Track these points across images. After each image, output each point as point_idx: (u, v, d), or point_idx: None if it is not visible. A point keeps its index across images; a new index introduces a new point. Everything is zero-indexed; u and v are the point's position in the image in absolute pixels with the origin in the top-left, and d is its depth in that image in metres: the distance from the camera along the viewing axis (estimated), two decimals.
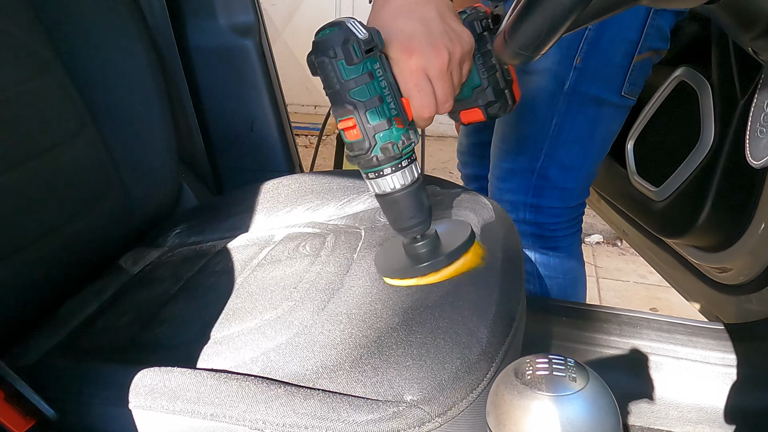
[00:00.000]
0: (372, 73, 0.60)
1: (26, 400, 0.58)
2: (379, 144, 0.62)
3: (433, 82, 0.63)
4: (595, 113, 1.05)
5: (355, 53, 0.59)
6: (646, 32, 0.99)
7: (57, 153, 0.83)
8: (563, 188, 1.11)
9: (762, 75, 0.56)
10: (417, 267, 0.68)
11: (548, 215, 1.12)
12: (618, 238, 2.36)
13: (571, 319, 1.04)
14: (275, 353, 0.63)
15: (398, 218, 0.66)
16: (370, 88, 0.60)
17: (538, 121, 1.06)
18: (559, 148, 1.07)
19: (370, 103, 0.60)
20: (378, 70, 0.61)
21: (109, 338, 0.75)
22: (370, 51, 0.60)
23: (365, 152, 0.62)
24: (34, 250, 0.78)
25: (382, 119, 0.61)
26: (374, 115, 0.61)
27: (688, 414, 0.94)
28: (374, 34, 0.60)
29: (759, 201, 0.95)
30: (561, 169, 1.09)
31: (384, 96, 0.61)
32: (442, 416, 0.56)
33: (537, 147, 1.07)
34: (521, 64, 0.72)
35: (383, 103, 0.61)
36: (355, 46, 0.59)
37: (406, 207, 0.65)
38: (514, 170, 1.10)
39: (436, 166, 2.93)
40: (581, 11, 0.51)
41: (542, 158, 1.07)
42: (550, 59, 1.00)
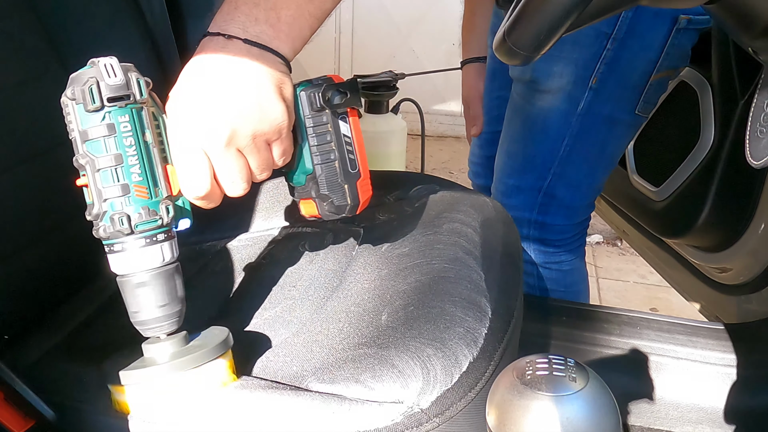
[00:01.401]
0: (114, 126, 0.52)
1: (25, 401, 0.58)
2: (109, 213, 0.53)
3: (210, 158, 0.54)
4: (607, 132, 1.03)
5: (92, 98, 0.52)
6: (666, 51, 0.96)
7: (57, 153, 0.83)
8: (569, 206, 1.09)
9: (762, 75, 0.56)
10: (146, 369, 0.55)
11: (553, 232, 1.11)
12: (618, 238, 2.36)
13: (571, 319, 1.04)
14: (274, 353, 0.63)
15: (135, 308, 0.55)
16: (108, 144, 0.52)
17: (549, 141, 1.03)
18: (569, 167, 1.05)
19: (104, 161, 0.52)
20: (124, 124, 0.52)
21: (109, 338, 0.75)
22: (117, 99, 0.52)
23: (95, 219, 0.53)
24: (34, 249, 0.78)
25: (115, 184, 0.52)
26: (107, 177, 0.52)
27: (688, 414, 0.94)
28: (133, 81, 0.53)
29: (759, 201, 0.95)
30: (568, 187, 1.07)
31: (126, 157, 0.52)
32: (440, 416, 0.56)
33: (545, 167, 1.05)
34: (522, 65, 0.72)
35: (122, 165, 0.52)
36: (93, 89, 0.52)
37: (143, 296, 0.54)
38: (520, 187, 1.08)
39: (436, 166, 2.93)
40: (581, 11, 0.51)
41: (550, 177, 1.05)
42: (564, 79, 0.98)
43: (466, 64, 1.29)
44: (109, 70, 0.52)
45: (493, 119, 1.24)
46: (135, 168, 0.52)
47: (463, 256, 0.73)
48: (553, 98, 1.01)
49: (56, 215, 0.82)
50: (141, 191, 0.53)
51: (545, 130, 1.03)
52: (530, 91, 1.02)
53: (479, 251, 0.75)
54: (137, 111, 0.53)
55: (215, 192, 0.56)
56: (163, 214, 0.54)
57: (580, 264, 1.18)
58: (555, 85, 0.99)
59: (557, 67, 0.97)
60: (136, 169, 0.52)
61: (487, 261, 0.73)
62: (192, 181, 0.55)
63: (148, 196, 0.53)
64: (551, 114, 1.02)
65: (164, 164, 0.55)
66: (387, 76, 2.12)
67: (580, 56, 0.96)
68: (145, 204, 0.53)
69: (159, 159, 0.54)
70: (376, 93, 2.15)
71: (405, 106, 2.24)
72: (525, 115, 1.04)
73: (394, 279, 0.69)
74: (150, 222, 0.53)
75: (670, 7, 0.99)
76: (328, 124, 0.59)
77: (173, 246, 0.55)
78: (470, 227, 0.79)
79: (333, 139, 0.60)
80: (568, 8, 0.51)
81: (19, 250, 0.76)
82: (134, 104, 0.53)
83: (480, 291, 0.67)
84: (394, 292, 0.67)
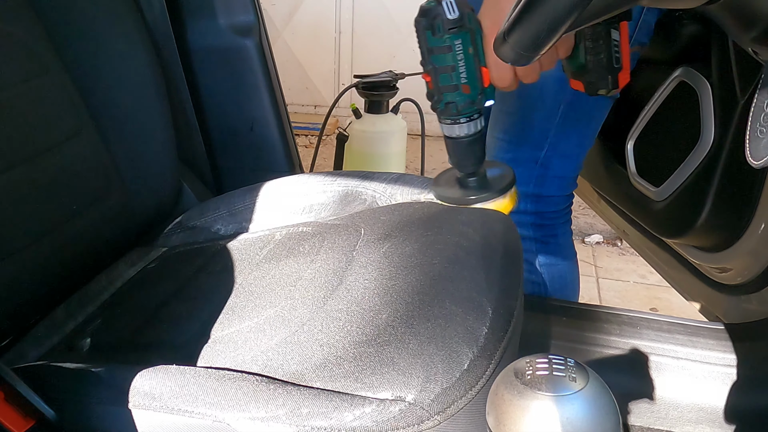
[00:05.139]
0: (451, 47, 0.74)
1: (26, 401, 0.58)
2: (444, 101, 0.78)
3: None
4: (594, 102, 1.07)
5: (438, 29, 0.73)
6: (639, 27, 1.01)
7: (57, 153, 0.83)
8: (562, 177, 1.13)
9: (762, 75, 0.56)
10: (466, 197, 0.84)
11: (548, 204, 1.14)
12: (618, 238, 2.36)
13: (571, 319, 1.04)
14: (274, 351, 0.63)
15: (454, 157, 0.84)
16: (447, 58, 0.75)
17: (546, 109, 1.06)
18: (562, 136, 1.08)
19: (443, 69, 0.76)
20: (458, 45, 0.74)
21: (109, 338, 0.75)
22: (453, 29, 0.73)
23: (433, 103, 0.79)
24: (34, 250, 0.78)
25: (450, 84, 0.76)
26: (445, 78, 0.76)
27: (688, 414, 0.93)
28: (465, 15, 0.73)
29: (759, 201, 0.95)
30: (562, 157, 1.10)
31: (457, 67, 0.75)
32: (441, 414, 0.56)
33: (543, 135, 1.08)
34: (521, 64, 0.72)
35: (454, 72, 0.75)
36: (440, 24, 0.73)
37: (460, 151, 0.82)
38: (517, 160, 1.10)
39: (436, 166, 2.92)
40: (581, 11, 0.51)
41: (546, 147, 1.08)
42: None
43: None
44: (450, 7, 0.73)
45: None
46: (462, 74, 0.76)
47: (463, 255, 0.73)
48: None
49: (56, 215, 0.82)
50: (465, 89, 0.77)
51: (542, 98, 1.07)
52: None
53: (479, 251, 0.75)
54: (465, 34, 0.74)
55: (515, 82, 0.78)
56: (480, 102, 0.79)
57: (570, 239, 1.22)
58: None
59: None
60: (464, 75, 0.76)
61: (487, 261, 0.73)
62: (499, 79, 0.78)
63: (469, 92, 0.77)
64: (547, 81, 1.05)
65: (481, 66, 0.78)
66: (387, 76, 2.13)
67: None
68: (468, 97, 0.77)
69: (477, 64, 0.77)
70: (376, 93, 2.15)
71: (405, 106, 2.24)
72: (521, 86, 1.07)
73: (395, 278, 0.69)
74: (469, 108, 0.78)
75: (670, 7, 0.99)
76: (602, 30, 0.77)
77: (480, 122, 0.81)
78: (470, 227, 0.79)
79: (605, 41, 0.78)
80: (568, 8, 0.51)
81: (19, 250, 0.76)
82: (465, 31, 0.74)
83: (480, 290, 0.67)
84: (394, 291, 0.67)
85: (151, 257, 0.91)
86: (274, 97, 1.18)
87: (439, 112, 0.80)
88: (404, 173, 0.98)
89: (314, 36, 3.36)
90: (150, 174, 0.97)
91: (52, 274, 0.81)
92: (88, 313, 0.80)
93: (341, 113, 3.02)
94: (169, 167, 1.00)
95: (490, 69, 0.77)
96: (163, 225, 0.98)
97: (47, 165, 0.81)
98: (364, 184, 0.93)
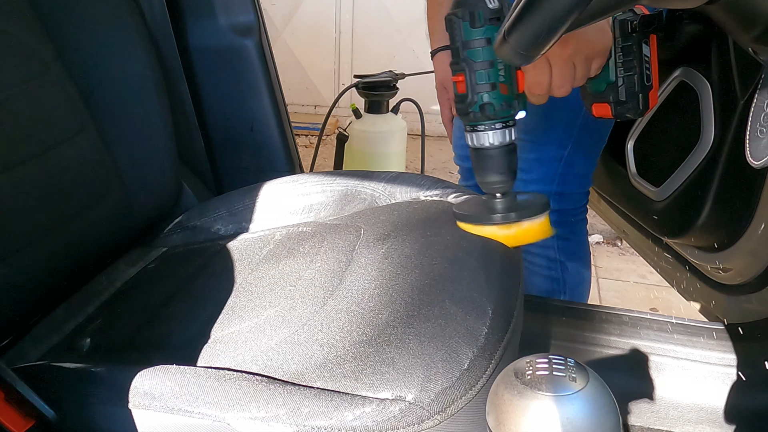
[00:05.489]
0: (490, 39, 0.68)
1: (26, 401, 0.58)
2: (479, 102, 0.70)
3: (552, 66, 0.69)
4: None
5: (478, 18, 0.67)
6: None
7: (57, 153, 0.83)
8: (584, 174, 1.14)
9: (762, 75, 0.56)
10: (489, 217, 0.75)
11: (569, 201, 1.14)
12: (618, 238, 2.36)
13: (571, 319, 1.04)
14: (275, 351, 0.63)
15: (483, 172, 0.74)
16: (485, 52, 0.68)
17: (570, 108, 1.06)
18: (585, 134, 1.08)
19: (481, 65, 0.69)
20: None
21: (109, 338, 0.75)
22: (494, 20, 0.67)
23: (466, 106, 0.71)
24: (34, 250, 0.78)
25: (487, 81, 0.69)
26: (482, 76, 0.69)
27: (688, 414, 0.93)
28: (506, 6, 0.66)
29: (759, 201, 0.95)
30: (584, 154, 1.11)
31: (496, 62, 0.69)
32: (441, 413, 0.56)
33: (567, 133, 1.08)
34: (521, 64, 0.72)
35: (493, 68, 0.69)
36: (480, 12, 0.67)
37: (491, 164, 0.73)
38: (541, 160, 1.11)
39: (436, 166, 2.93)
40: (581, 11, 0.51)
41: (570, 145, 1.09)
42: None
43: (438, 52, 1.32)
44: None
45: None
46: (501, 71, 0.69)
47: (463, 256, 0.73)
48: None
49: (56, 215, 0.82)
50: (504, 88, 0.70)
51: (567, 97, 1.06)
52: None
53: (479, 251, 0.75)
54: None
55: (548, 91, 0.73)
56: (516, 106, 0.72)
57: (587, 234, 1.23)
58: None
59: None
60: (502, 72, 0.69)
61: (487, 261, 0.73)
62: (535, 84, 0.72)
63: (507, 93, 0.70)
64: None
65: (517, 70, 0.71)
66: (387, 76, 2.12)
67: None
68: (507, 98, 0.70)
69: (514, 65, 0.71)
70: (376, 93, 2.15)
71: (405, 106, 2.24)
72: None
73: (395, 278, 0.69)
74: (506, 112, 0.71)
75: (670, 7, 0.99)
76: (633, 45, 0.73)
77: (513, 131, 0.73)
78: None
79: (636, 57, 0.74)
80: (568, 8, 0.51)
81: (19, 250, 0.76)
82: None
83: (480, 291, 0.67)
84: (394, 291, 0.67)
85: (151, 257, 0.91)
86: (274, 97, 1.18)
87: (472, 116, 0.72)
88: (404, 172, 0.98)
89: (314, 36, 3.36)
90: (150, 174, 0.97)
91: (52, 274, 0.81)
92: (88, 313, 0.80)
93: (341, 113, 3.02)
94: (169, 167, 1.00)
95: (526, 72, 0.72)
96: (163, 225, 0.98)
97: (47, 165, 0.81)
98: (364, 183, 0.93)
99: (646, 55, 0.75)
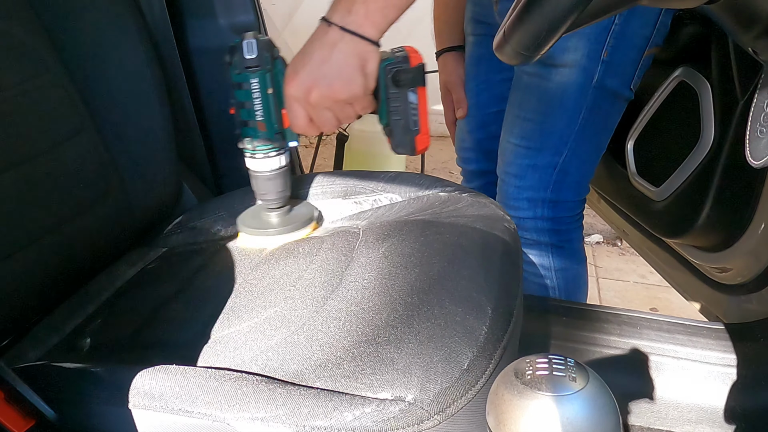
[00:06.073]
0: (247, 84, 0.78)
1: (26, 401, 0.58)
2: (243, 135, 0.82)
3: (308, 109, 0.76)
4: (610, 107, 1.07)
5: (236, 66, 0.78)
6: (657, 29, 1.01)
7: (57, 153, 0.83)
8: (579, 182, 1.13)
9: (762, 75, 0.56)
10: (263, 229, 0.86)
11: (564, 209, 1.13)
12: (618, 238, 2.36)
13: (571, 319, 1.04)
14: (274, 351, 0.63)
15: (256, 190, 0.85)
16: (244, 95, 0.79)
17: (567, 115, 1.06)
18: (582, 142, 1.08)
19: (240, 104, 0.80)
20: (254, 84, 0.78)
21: (109, 338, 0.75)
22: (251, 68, 0.78)
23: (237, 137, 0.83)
24: (34, 249, 0.78)
25: (245, 119, 0.80)
26: (243, 114, 0.80)
27: (688, 414, 0.93)
28: (263, 58, 0.77)
29: (759, 201, 0.95)
30: (580, 162, 1.10)
31: (253, 104, 0.79)
32: (440, 414, 0.56)
33: (563, 141, 1.08)
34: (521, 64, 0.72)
35: (250, 109, 0.79)
36: (237, 60, 0.78)
37: (257, 184, 0.85)
38: (535, 166, 1.10)
39: (436, 166, 2.93)
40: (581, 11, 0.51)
41: (566, 152, 1.08)
42: (579, 52, 1.01)
43: (443, 53, 1.32)
44: (250, 48, 0.77)
45: (481, 103, 1.27)
46: (258, 112, 0.80)
47: (462, 255, 0.73)
48: (569, 72, 1.03)
49: (56, 215, 0.82)
50: (261, 126, 0.80)
51: (564, 104, 1.06)
52: (545, 68, 1.05)
53: (479, 251, 0.75)
54: (263, 74, 0.78)
55: (311, 129, 0.79)
56: (277, 141, 0.82)
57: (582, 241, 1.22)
58: (570, 59, 1.02)
59: (571, 42, 1.01)
60: (259, 113, 0.80)
61: (487, 261, 0.73)
62: (295, 126, 0.79)
63: (265, 130, 0.81)
64: (569, 87, 1.05)
65: (281, 108, 0.80)
66: None
67: (592, 30, 1.00)
68: (265, 135, 0.81)
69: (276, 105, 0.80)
70: None
71: None
72: (541, 91, 1.07)
73: (394, 278, 0.69)
74: (265, 145, 0.81)
75: (670, 7, 0.99)
76: (400, 94, 0.80)
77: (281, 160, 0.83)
78: (470, 227, 0.79)
79: (403, 104, 0.80)
80: (568, 8, 0.51)
81: (18, 250, 0.76)
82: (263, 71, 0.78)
83: (480, 290, 0.67)
84: (393, 291, 0.67)
85: (151, 257, 0.91)
86: None
87: (239, 143, 0.83)
88: (404, 172, 0.98)
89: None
90: (150, 174, 0.97)
91: (52, 274, 0.81)
92: (88, 313, 0.80)
93: None
94: (169, 167, 1.00)
95: (287, 113, 0.79)
96: (163, 225, 0.98)
97: (47, 165, 0.81)
98: (364, 183, 0.93)
99: (413, 103, 0.80)
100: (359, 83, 0.76)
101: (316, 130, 0.80)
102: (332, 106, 0.76)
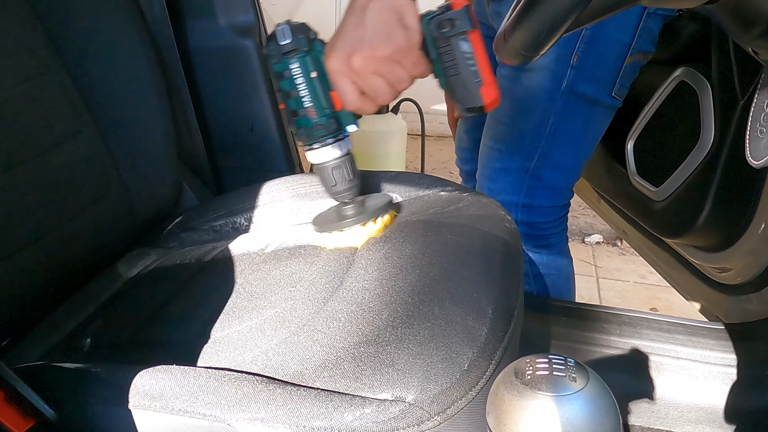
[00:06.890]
0: (288, 71, 0.74)
1: (26, 401, 0.58)
2: (295, 126, 0.77)
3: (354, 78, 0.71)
4: (588, 113, 1.06)
5: (274, 55, 0.74)
6: (639, 34, 1.00)
7: (57, 153, 0.83)
8: (554, 188, 1.12)
9: (762, 75, 0.56)
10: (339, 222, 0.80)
11: (539, 214, 1.13)
12: (618, 238, 2.36)
13: (571, 319, 1.04)
14: (274, 352, 0.63)
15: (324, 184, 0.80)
16: (288, 83, 0.75)
17: (535, 120, 1.06)
18: (554, 147, 1.07)
19: (286, 94, 0.75)
20: (295, 69, 0.74)
21: (109, 338, 0.75)
22: (288, 53, 0.73)
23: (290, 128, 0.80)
24: (34, 250, 0.78)
25: (294, 108, 0.75)
26: (291, 104, 0.75)
27: (688, 414, 0.94)
28: (298, 40, 0.73)
29: (759, 201, 0.95)
30: (554, 168, 1.09)
31: (299, 91, 0.75)
32: (441, 414, 0.56)
33: (533, 146, 1.07)
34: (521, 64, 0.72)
35: (296, 98, 0.75)
36: (273, 50, 0.74)
37: (323, 177, 0.79)
38: (507, 170, 1.10)
39: (436, 166, 2.93)
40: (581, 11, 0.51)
41: (537, 157, 1.07)
42: (547, 57, 1.00)
43: None
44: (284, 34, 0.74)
45: None
46: (305, 99, 0.75)
47: (463, 255, 0.73)
48: (537, 76, 1.03)
49: (56, 215, 0.82)
50: (311, 113, 0.75)
51: (531, 109, 1.05)
52: (516, 71, 1.05)
53: (479, 251, 0.75)
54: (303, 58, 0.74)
55: (366, 103, 0.73)
56: (328, 126, 0.75)
57: (566, 248, 1.21)
58: (539, 63, 1.01)
59: None
60: (306, 99, 0.75)
61: (487, 261, 0.73)
62: (346, 102, 0.73)
63: (316, 116, 0.75)
64: (537, 92, 1.04)
65: (329, 90, 0.74)
66: None
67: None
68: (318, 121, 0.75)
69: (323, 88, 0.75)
70: None
71: (405, 106, 2.24)
72: (512, 95, 1.07)
73: (395, 279, 0.69)
74: (320, 133, 0.76)
75: (670, 6, 0.99)
76: (449, 45, 0.72)
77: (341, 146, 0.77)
78: (470, 227, 0.79)
79: (455, 56, 0.72)
80: (568, 8, 0.51)
81: (19, 250, 0.76)
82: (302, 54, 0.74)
83: (480, 290, 0.67)
84: (394, 292, 0.67)
85: (151, 257, 0.91)
86: (274, 97, 1.18)
87: (296, 138, 0.79)
88: (404, 172, 0.98)
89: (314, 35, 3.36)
90: (150, 174, 0.97)
91: (52, 274, 0.81)
92: (88, 313, 0.80)
93: None
94: (169, 167, 1.00)
95: (336, 92, 0.74)
96: (163, 225, 0.98)
97: (47, 165, 0.81)
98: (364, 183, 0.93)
99: (467, 52, 0.72)
100: (400, 35, 0.69)
101: (371, 102, 0.73)
102: (378, 68, 0.70)
